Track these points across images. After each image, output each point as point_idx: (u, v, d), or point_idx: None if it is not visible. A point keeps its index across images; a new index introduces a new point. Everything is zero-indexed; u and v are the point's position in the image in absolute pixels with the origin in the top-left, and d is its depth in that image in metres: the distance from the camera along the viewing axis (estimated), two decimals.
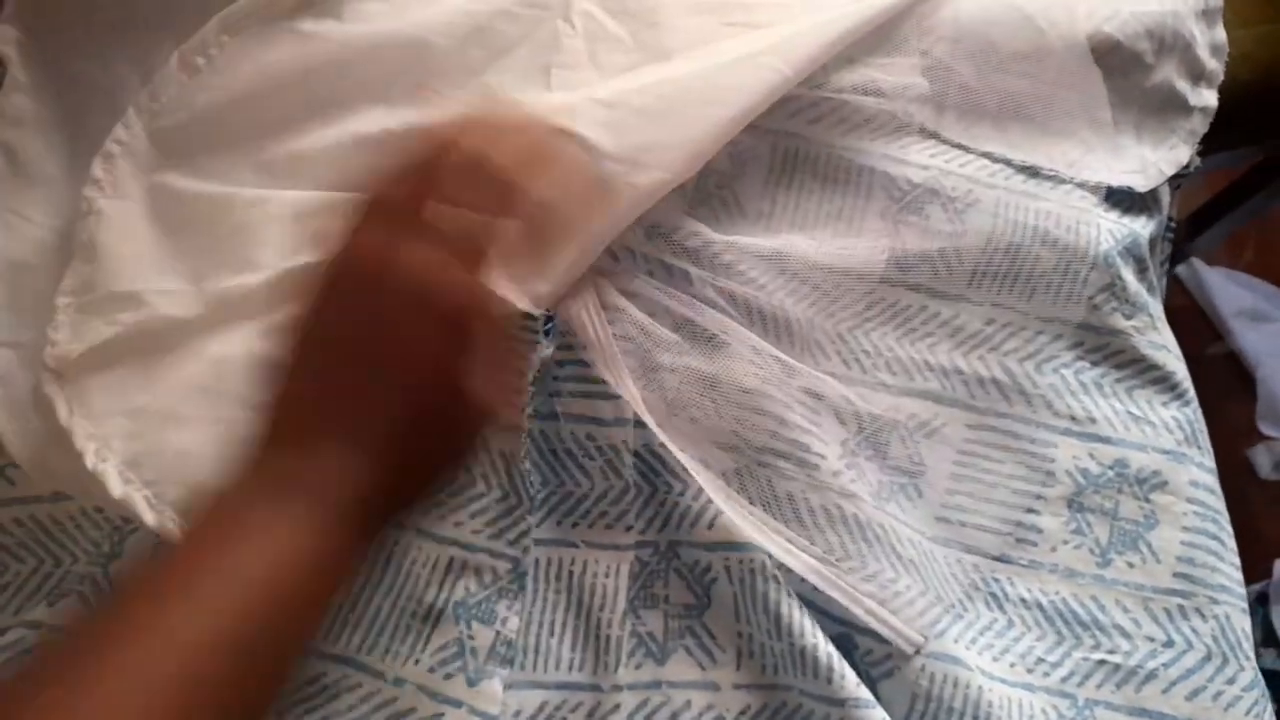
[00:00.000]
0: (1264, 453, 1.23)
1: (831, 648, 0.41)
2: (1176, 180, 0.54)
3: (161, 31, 0.46)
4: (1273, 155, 0.94)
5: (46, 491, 0.42)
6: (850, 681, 0.40)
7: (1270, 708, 0.44)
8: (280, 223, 0.41)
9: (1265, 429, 1.25)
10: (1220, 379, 1.30)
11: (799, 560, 0.42)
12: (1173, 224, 0.55)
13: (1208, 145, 0.54)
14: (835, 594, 0.41)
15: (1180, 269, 1.30)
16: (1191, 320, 1.30)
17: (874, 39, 0.47)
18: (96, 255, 0.41)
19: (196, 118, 0.44)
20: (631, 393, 0.43)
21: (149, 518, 0.37)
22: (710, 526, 0.43)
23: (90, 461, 0.37)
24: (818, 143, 0.47)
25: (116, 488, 0.36)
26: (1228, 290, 1.29)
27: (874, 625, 0.41)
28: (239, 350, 0.38)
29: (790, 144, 0.47)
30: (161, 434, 0.37)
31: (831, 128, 0.48)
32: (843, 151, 0.48)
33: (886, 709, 0.41)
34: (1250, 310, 1.28)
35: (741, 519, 0.42)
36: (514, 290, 0.41)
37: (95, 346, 0.38)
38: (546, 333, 0.44)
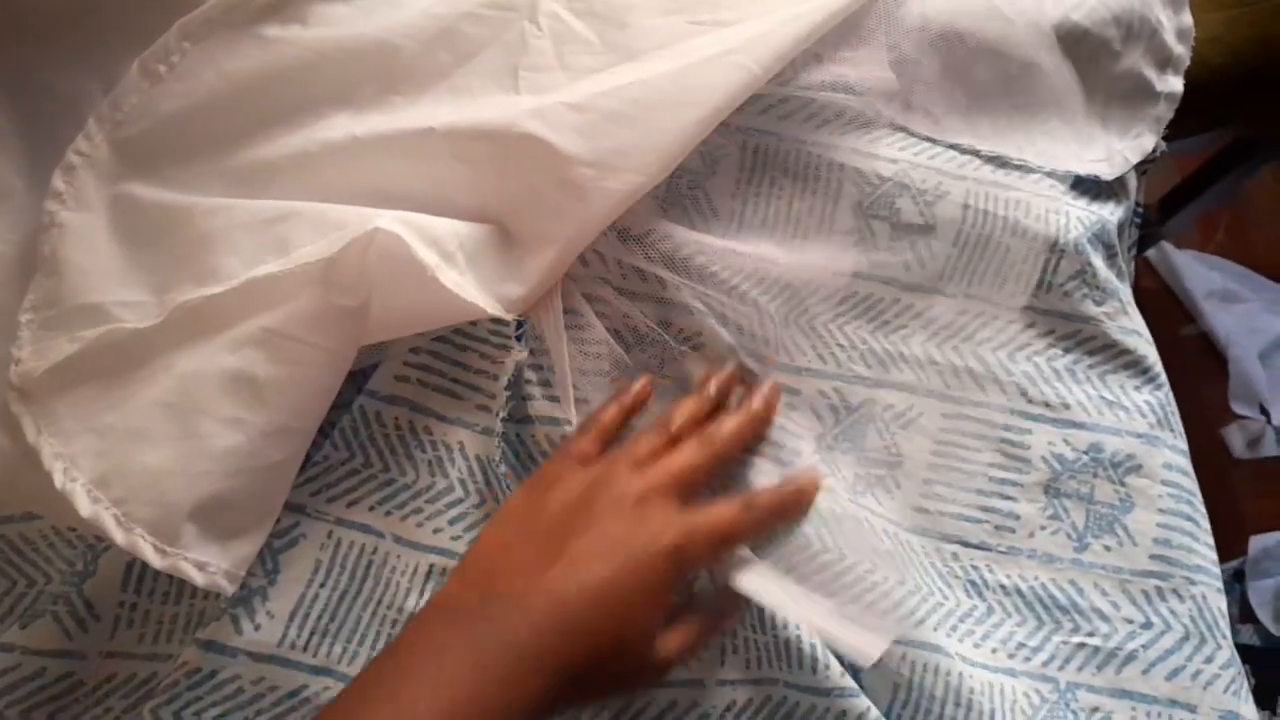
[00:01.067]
0: (1237, 432, 1.25)
1: (815, 639, 0.41)
2: (1143, 166, 0.54)
3: (123, 40, 0.45)
4: (1242, 137, 0.95)
5: (18, 510, 0.42)
6: (835, 671, 0.40)
7: (1246, 684, 0.45)
8: (245, 231, 0.41)
9: (1238, 408, 1.27)
10: (1193, 360, 1.31)
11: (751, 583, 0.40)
12: (1140, 209, 0.56)
13: (1178, 129, 0.55)
14: (786, 613, 0.40)
15: (1151, 252, 1.32)
16: (1163, 303, 1.31)
17: (841, 33, 0.47)
18: (59, 269, 0.40)
19: (159, 126, 0.43)
20: (570, 414, 0.43)
21: (118, 536, 0.36)
22: None
23: (59, 480, 0.36)
24: (788, 139, 0.47)
25: (85, 507, 0.36)
26: (1198, 272, 1.31)
27: (832, 639, 0.40)
28: (206, 366, 0.38)
29: (760, 141, 0.47)
30: (130, 452, 0.37)
31: (801, 124, 0.48)
32: (812, 147, 0.48)
33: (870, 699, 0.41)
34: (1221, 291, 1.30)
35: None
36: (484, 296, 0.41)
37: (59, 363, 0.37)
38: (519, 337, 0.43)
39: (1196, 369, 1.28)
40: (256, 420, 0.38)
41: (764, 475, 0.43)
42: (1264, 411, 1.25)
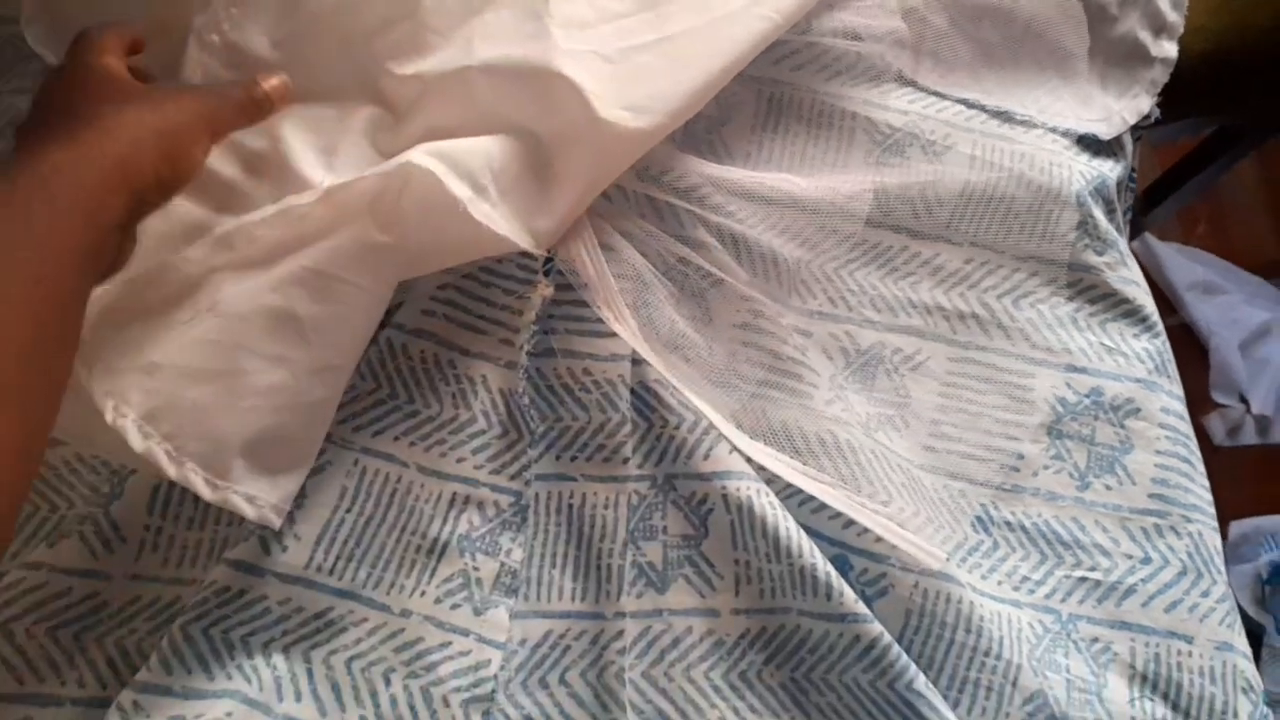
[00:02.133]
0: (1218, 420, 1.28)
1: (830, 567, 0.42)
2: (1137, 131, 0.56)
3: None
4: (1223, 129, 0.98)
5: (76, 447, 0.42)
6: (849, 598, 0.41)
7: (1240, 618, 0.47)
8: None
9: (1218, 397, 1.29)
10: (1174, 350, 1.33)
11: (817, 486, 0.43)
12: (1135, 173, 0.58)
13: (1163, 115, 0.57)
14: (858, 517, 0.42)
15: (1134, 244, 1.34)
16: None
17: None
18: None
19: None
20: (631, 327, 0.44)
21: (171, 470, 0.36)
22: (706, 457, 0.44)
23: (109, 417, 0.36)
24: (802, 89, 0.49)
25: (137, 442, 0.36)
26: (1180, 264, 1.34)
27: (901, 545, 0.42)
28: (250, 304, 0.38)
29: (775, 90, 0.49)
30: (177, 389, 0.37)
31: (814, 74, 0.49)
32: (825, 97, 0.49)
33: (882, 625, 0.42)
34: (1202, 283, 1.33)
35: (752, 450, 0.43)
36: (515, 228, 0.42)
37: (108, 306, 0.38)
38: (546, 272, 0.44)
39: (1178, 359, 1.29)
40: (300, 357, 0.39)
41: (782, 407, 0.44)
42: (1243, 400, 1.28)
